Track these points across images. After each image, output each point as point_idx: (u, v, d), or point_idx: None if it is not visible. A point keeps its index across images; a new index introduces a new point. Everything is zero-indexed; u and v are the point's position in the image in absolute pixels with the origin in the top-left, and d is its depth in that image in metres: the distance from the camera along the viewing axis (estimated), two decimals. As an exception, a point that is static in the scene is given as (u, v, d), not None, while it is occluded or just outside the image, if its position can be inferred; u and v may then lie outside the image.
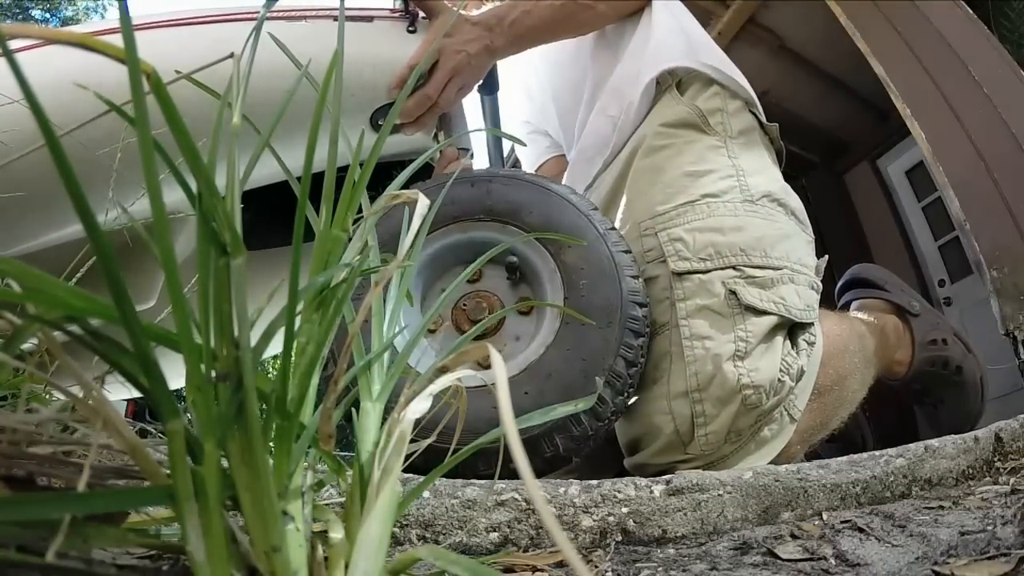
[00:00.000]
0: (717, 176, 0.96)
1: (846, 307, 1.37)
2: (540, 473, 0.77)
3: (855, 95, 3.18)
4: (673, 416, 0.82)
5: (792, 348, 0.88)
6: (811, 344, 0.90)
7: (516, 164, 2.87)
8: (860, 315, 1.26)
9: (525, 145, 1.53)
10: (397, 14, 1.13)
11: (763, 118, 1.10)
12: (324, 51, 0.36)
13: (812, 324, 0.91)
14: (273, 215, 1.18)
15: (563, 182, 0.96)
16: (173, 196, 0.88)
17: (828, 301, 1.28)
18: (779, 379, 0.83)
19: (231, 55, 0.34)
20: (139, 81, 0.20)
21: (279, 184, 1.14)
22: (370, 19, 1.11)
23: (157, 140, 0.21)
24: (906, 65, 1.62)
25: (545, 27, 1.08)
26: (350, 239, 0.35)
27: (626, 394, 0.77)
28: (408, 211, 0.39)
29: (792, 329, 0.89)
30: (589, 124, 1.17)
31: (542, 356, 0.77)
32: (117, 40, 0.21)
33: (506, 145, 2.38)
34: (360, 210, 0.38)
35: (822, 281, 0.99)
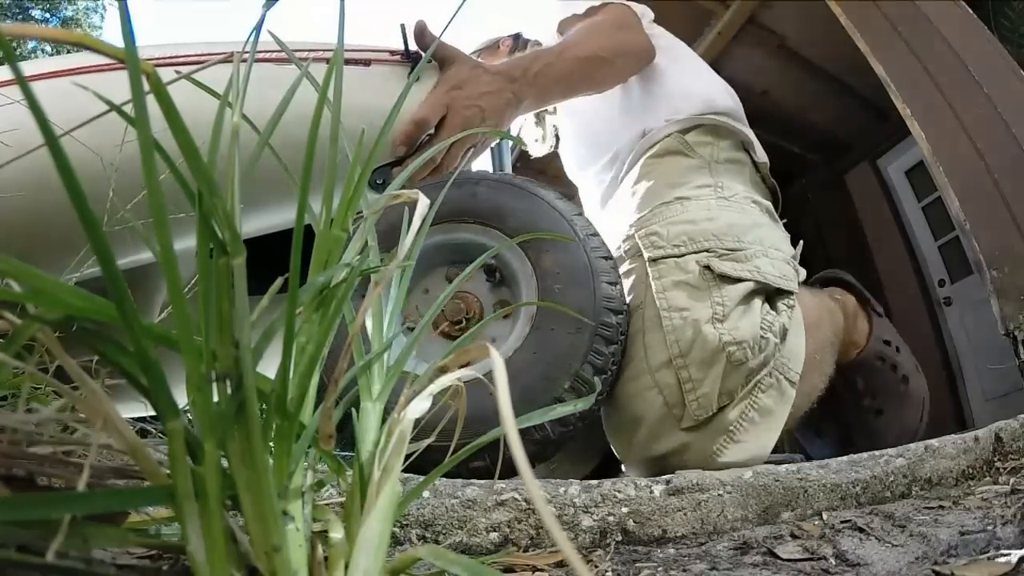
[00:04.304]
0: (694, 184, 0.99)
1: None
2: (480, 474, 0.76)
3: (855, 95, 3.18)
4: (659, 388, 0.81)
5: (771, 309, 0.87)
6: (790, 307, 0.89)
7: (516, 163, 2.86)
8: (828, 291, 1.25)
9: (527, 148, 1.53)
10: (397, 57, 1.00)
11: (758, 157, 1.11)
12: (315, 99, 0.32)
13: (791, 293, 0.90)
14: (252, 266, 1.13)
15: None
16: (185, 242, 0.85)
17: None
18: (761, 335, 0.81)
19: (232, 55, 0.34)
20: (139, 81, 0.20)
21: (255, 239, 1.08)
22: (367, 63, 0.97)
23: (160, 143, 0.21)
24: (906, 65, 1.62)
25: (568, 82, 1.04)
26: (350, 239, 0.35)
27: (594, 402, 0.76)
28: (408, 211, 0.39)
29: (770, 297, 0.89)
30: (615, 198, 1.18)
31: (508, 359, 0.76)
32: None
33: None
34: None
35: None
